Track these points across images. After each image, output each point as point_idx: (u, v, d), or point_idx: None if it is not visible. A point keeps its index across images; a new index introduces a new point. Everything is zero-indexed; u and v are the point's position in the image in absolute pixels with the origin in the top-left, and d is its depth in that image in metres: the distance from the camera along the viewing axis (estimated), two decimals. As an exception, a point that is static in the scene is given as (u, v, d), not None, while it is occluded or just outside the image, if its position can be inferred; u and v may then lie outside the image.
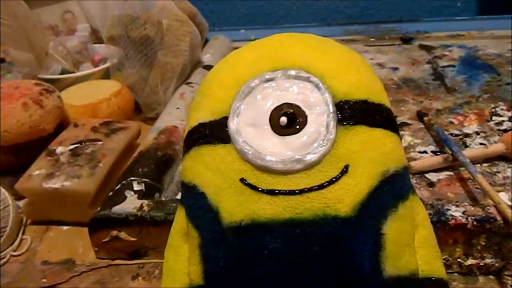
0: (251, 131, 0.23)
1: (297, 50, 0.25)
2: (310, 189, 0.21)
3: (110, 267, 0.35)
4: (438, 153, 0.42)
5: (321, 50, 0.25)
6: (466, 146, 0.42)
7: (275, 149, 0.22)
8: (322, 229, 0.20)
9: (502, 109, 0.48)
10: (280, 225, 0.21)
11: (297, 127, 0.22)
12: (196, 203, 0.23)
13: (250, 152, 0.22)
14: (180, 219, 0.25)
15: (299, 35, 0.27)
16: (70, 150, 0.41)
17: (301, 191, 0.21)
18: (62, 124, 0.45)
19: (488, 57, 0.61)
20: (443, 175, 0.38)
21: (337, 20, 0.77)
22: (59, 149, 0.41)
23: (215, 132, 0.24)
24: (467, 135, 0.44)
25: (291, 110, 0.22)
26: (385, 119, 0.23)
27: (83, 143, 0.42)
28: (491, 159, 0.39)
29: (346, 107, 0.23)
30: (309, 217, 0.21)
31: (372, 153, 0.22)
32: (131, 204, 0.34)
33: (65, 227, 0.39)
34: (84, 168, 0.38)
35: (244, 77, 0.24)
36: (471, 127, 0.45)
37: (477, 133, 0.44)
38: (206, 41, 0.69)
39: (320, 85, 0.23)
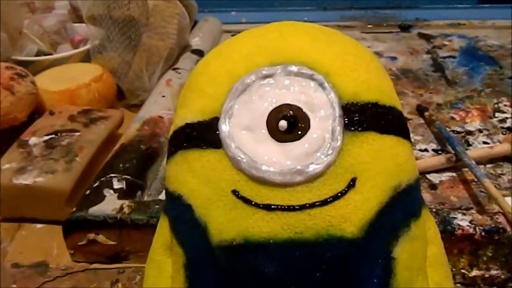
0: (246, 135, 0.20)
1: (298, 42, 0.22)
2: (312, 205, 0.18)
3: (87, 271, 0.32)
4: (439, 152, 0.39)
5: (325, 43, 0.22)
6: (469, 145, 0.40)
7: (273, 157, 0.19)
8: (325, 252, 0.18)
9: (505, 105, 0.46)
10: (278, 245, 0.18)
11: (299, 132, 0.19)
12: (182, 216, 0.20)
13: (244, 160, 0.19)
14: (163, 230, 0.22)
15: (300, 25, 0.24)
16: (45, 141, 0.37)
17: (302, 207, 0.18)
18: (36, 112, 0.41)
19: (489, 48, 0.59)
20: (445, 176, 0.36)
21: (334, 3, 0.73)
22: (32, 140, 0.37)
23: (204, 134, 0.21)
24: (469, 133, 0.42)
25: (292, 113, 0.20)
26: (397, 124, 0.21)
27: (59, 134, 0.38)
28: (495, 160, 0.37)
29: (353, 110, 0.20)
30: (310, 237, 0.18)
31: (383, 164, 0.19)
32: (110, 205, 0.31)
33: (38, 225, 0.36)
34: (60, 162, 0.35)
35: (238, 72, 0.21)
36: (474, 124, 0.43)
37: (480, 131, 0.42)
38: (194, 24, 0.65)
39: (325, 84, 0.20)
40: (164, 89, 0.47)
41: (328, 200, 0.18)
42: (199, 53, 0.57)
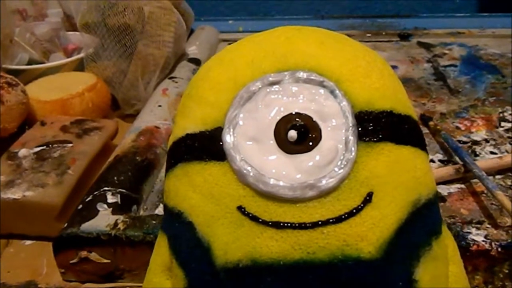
0: (252, 147, 0.18)
1: (306, 48, 0.21)
2: (326, 222, 0.17)
3: (79, 291, 0.30)
4: (445, 163, 0.38)
5: (335, 48, 0.21)
6: (476, 155, 0.39)
7: (282, 170, 0.18)
8: (341, 274, 0.16)
9: (510, 114, 0.45)
10: (288, 267, 0.17)
11: (310, 143, 0.18)
12: (182, 235, 0.19)
13: (250, 174, 0.18)
14: (162, 250, 0.20)
15: (307, 29, 0.22)
16: (35, 153, 0.36)
17: (314, 225, 0.17)
18: (26, 122, 0.40)
19: (490, 57, 0.58)
20: (453, 188, 0.35)
21: (332, 12, 0.73)
22: (22, 152, 0.36)
23: (206, 146, 0.19)
24: (476, 143, 0.41)
25: (302, 122, 0.18)
26: (413, 134, 0.20)
27: (51, 145, 0.37)
28: (504, 171, 0.36)
29: (367, 119, 0.19)
30: (324, 258, 0.17)
31: (401, 178, 0.18)
32: (103, 220, 0.29)
33: (27, 242, 0.34)
34: (51, 175, 0.33)
35: (242, 78, 0.20)
36: (480, 133, 0.42)
37: (487, 141, 0.41)
38: (190, 32, 0.64)
39: (336, 91, 0.19)
40: (161, 99, 0.46)
41: (343, 216, 0.17)
42: (196, 62, 0.56)
